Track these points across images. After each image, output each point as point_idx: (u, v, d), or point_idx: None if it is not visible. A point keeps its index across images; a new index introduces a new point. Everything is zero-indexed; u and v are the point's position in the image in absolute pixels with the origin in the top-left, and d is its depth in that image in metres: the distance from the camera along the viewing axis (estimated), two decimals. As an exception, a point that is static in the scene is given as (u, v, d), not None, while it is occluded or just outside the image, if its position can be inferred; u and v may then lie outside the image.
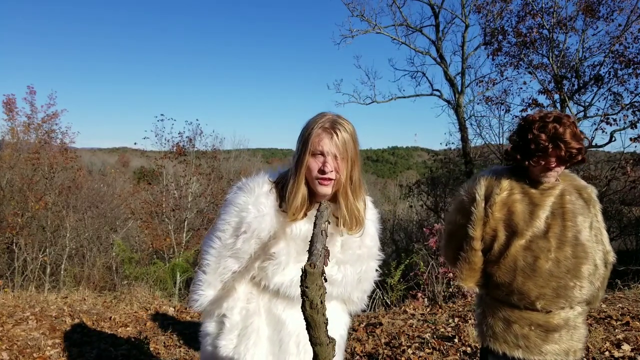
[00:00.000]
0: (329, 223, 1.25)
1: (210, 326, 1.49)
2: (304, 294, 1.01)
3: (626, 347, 3.23)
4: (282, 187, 1.43)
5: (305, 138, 1.37)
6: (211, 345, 1.47)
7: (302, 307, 1.03)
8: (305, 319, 1.04)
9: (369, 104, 14.39)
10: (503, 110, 12.09)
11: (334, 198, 1.43)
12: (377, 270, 1.60)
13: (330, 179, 1.35)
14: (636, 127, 9.76)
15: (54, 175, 11.70)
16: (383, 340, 3.76)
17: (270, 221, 1.39)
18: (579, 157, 1.66)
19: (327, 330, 1.07)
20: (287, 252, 1.40)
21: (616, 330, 3.59)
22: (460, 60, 13.74)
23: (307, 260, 1.03)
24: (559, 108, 11.08)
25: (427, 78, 14.56)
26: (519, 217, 1.68)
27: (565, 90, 10.75)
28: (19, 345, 3.74)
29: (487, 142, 12.61)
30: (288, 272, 1.40)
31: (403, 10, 13.55)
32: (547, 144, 1.63)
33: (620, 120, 10.06)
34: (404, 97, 14.60)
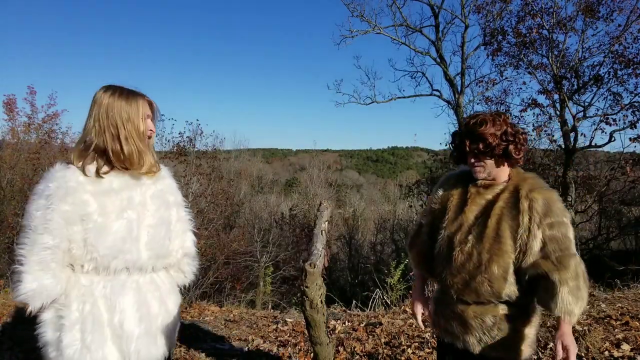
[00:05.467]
0: (329, 222, 1.27)
1: (48, 334, 1.53)
2: (304, 293, 1.02)
3: (625, 346, 3.24)
4: (95, 156, 1.57)
5: (135, 109, 1.61)
6: (55, 350, 1.51)
7: (301, 307, 1.04)
8: (305, 318, 1.05)
9: (369, 104, 14.42)
10: (503, 110, 12.11)
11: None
12: (190, 220, 1.85)
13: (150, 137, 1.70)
14: (636, 127, 9.76)
15: (55, 175, 11.70)
16: (383, 340, 3.77)
17: (74, 185, 1.51)
18: (495, 149, 1.68)
19: (326, 330, 1.08)
20: (103, 210, 1.52)
21: (615, 330, 3.60)
22: (460, 61, 13.76)
23: (307, 260, 1.05)
24: (559, 108, 11.09)
25: (426, 78, 14.59)
26: (451, 211, 1.80)
27: (565, 90, 10.75)
28: (20, 345, 3.75)
29: (486, 142, 12.61)
30: (116, 229, 1.52)
31: (403, 10, 13.57)
32: (461, 137, 1.76)
33: (619, 120, 10.06)
34: (404, 97, 14.62)
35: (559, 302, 1.55)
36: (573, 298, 1.55)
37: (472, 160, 1.74)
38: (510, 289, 1.66)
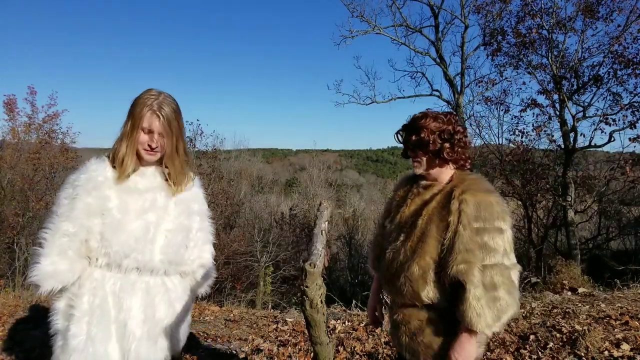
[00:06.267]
0: (329, 222, 1.28)
1: (59, 323, 1.58)
2: (304, 293, 1.03)
3: (625, 346, 3.24)
4: (113, 153, 1.63)
5: (136, 116, 1.60)
6: (62, 339, 1.56)
7: (301, 307, 1.05)
8: (305, 318, 1.06)
9: (369, 104, 14.42)
10: (502, 110, 12.12)
11: (161, 163, 1.70)
12: (212, 232, 1.87)
13: (155, 152, 1.63)
14: (635, 127, 9.77)
15: (55, 175, 11.73)
16: (383, 340, 3.78)
17: (102, 180, 1.57)
18: (426, 146, 1.66)
19: (326, 330, 1.09)
20: (124, 208, 1.56)
21: (615, 330, 3.61)
22: (460, 61, 13.77)
23: (307, 260, 1.05)
24: (558, 108, 11.10)
25: (426, 78, 14.64)
26: (392, 212, 1.81)
27: (565, 90, 10.76)
28: (20, 345, 3.75)
29: (486, 142, 12.63)
30: (134, 228, 1.56)
31: (403, 11, 13.59)
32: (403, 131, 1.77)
33: (619, 120, 10.07)
34: (404, 98, 14.62)
35: (466, 310, 1.48)
36: (487, 309, 1.47)
37: (410, 153, 1.76)
38: (430, 292, 1.59)
